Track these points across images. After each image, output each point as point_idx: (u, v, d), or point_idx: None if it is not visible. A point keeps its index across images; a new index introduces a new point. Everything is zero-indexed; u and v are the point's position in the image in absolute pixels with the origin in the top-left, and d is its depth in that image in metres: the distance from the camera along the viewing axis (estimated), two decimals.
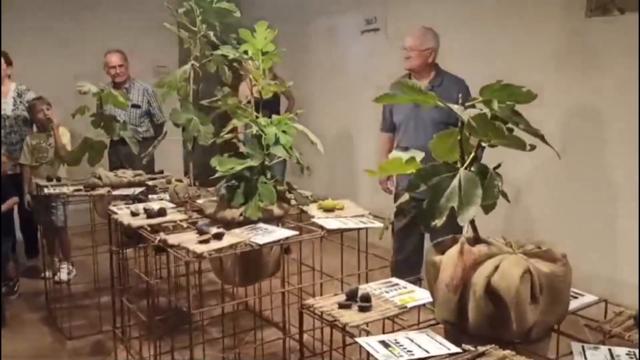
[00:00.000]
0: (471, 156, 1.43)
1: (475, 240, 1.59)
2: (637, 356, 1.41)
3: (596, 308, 1.71)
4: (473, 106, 1.46)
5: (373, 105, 5.17)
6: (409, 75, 3.46)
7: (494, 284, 1.46)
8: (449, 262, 1.53)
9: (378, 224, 2.16)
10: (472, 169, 1.44)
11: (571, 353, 1.46)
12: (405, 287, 1.89)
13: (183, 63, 3.07)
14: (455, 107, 1.38)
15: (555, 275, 1.49)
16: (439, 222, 1.36)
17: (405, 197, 1.56)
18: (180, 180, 3.28)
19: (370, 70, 5.27)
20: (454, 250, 1.54)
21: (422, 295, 1.82)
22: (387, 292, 1.84)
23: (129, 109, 4.94)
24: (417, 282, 1.99)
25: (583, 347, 1.47)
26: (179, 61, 6.04)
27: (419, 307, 1.75)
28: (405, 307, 1.71)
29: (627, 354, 1.43)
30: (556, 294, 1.51)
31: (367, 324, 1.57)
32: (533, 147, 1.32)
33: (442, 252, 1.62)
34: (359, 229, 2.16)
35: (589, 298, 1.76)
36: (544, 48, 3.91)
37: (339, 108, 5.70)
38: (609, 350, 1.45)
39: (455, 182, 1.36)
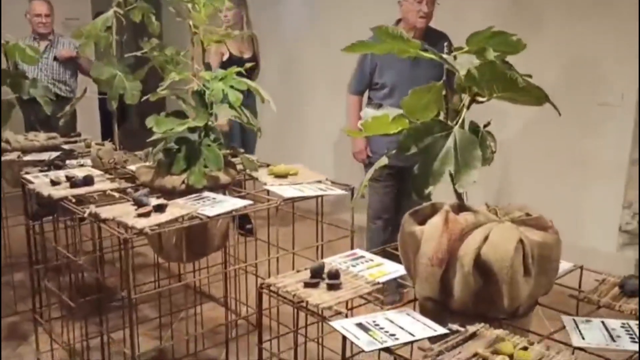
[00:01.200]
0: (462, 113, 1.25)
1: (460, 208, 1.43)
2: (633, 328, 1.31)
3: (569, 277, 1.61)
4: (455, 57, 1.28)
5: (327, 64, 4.90)
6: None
7: (484, 257, 1.31)
8: (432, 233, 1.36)
9: (339, 191, 1.97)
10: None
11: (563, 328, 1.35)
12: (372, 260, 1.72)
13: (97, 16, 2.71)
14: (448, 58, 1.19)
15: (547, 245, 1.36)
16: (433, 189, 1.17)
17: (383, 161, 1.37)
18: (101, 144, 2.95)
19: (326, 29, 4.95)
20: (437, 220, 1.37)
21: (391, 268, 1.66)
22: (353, 266, 1.66)
23: (54, 65, 4.53)
24: (382, 252, 1.83)
25: (574, 320, 1.36)
26: (92, 12, 5.52)
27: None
28: (378, 283, 1.54)
29: (622, 327, 1.33)
30: (546, 264, 1.38)
31: (348, 307, 1.38)
32: (547, 100, 1.16)
33: (421, 222, 1.45)
34: (319, 197, 1.96)
35: (564, 265, 1.65)
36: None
37: (286, 66, 5.32)
38: (602, 323, 1.35)
39: (449, 142, 1.18)
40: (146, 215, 1.68)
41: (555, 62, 3.53)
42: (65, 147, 3.22)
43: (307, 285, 1.49)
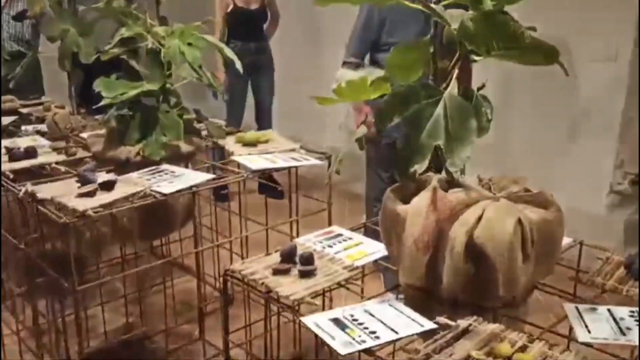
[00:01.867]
0: (453, 74, 1.05)
1: (449, 183, 1.25)
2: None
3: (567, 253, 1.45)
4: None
5: (305, 19, 4.54)
6: None
7: (477, 240, 1.13)
8: (417, 213, 1.18)
9: (314, 161, 1.77)
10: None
11: (565, 317, 1.19)
12: (350, 238, 1.54)
13: None
14: (437, 8, 0.98)
15: (548, 224, 1.19)
16: (420, 168, 0.99)
17: (361, 130, 1.18)
18: (61, 107, 2.70)
19: None
20: (423, 198, 1.19)
21: (372, 248, 1.48)
22: (330, 246, 1.49)
23: (15, 24, 4.21)
24: (362, 228, 1.66)
25: (577, 308, 1.20)
26: None
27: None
28: (356, 267, 1.37)
29: (630, 315, 1.17)
30: (547, 247, 1.21)
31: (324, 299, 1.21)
32: (557, 59, 0.97)
33: (405, 199, 1.27)
34: (292, 168, 1.76)
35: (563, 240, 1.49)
36: None
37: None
38: (609, 311, 1.19)
39: (438, 110, 0.98)
40: (90, 194, 1.48)
41: (545, 16, 3.31)
42: (24, 111, 2.97)
43: (276, 272, 1.32)
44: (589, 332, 1.12)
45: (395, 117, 0.99)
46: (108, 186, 1.51)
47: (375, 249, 1.48)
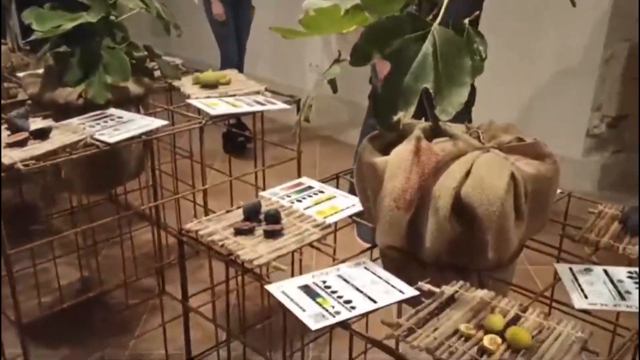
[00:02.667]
0: (443, 3, 0.88)
1: (434, 132, 1.10)
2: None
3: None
4: None
5: None
6: None
7: (465, 198, 1.00)
8: (398, 167, 1.04)
9: (281, 105, 1.59)
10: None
11: (558, 280, 1.08)
12: (322, 192, 1.40)
13: None
14: None
15: (543, 178, 1.06)
16: (405, 117, 0.83)
17: (333, 71, 1.01)
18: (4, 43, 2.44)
19: None
20: (404, 149, 1.05)
21: (345, 203, 1.34)
22: (298, 201, 1.34)
23: None
24: (334, 179, 1.51)
25: (572, 270, 1.09)
26: None
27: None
28: (328, 225, 1.23)
29: (629, 277, 1.07)
30: (541, 202, 1.09)
31: (293, 262, 1.07)
32: None
33: (384, 150, 1.12)
34: (257, 113, 1.58)
35: None
36: None
37: None
38: (605, 272, 1.09)
39: (426, 46, 0.82)
40: (20, 144, 1.29)
41: None
42: None
43: (238, 232, 1.17)
44: (586, 297, 1.01)
45: (375, 55, 0.82)
46: (41, 134, 1.32)
47: (349, 204, 1.34)
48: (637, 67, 3.07)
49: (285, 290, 1.01)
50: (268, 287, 1.03)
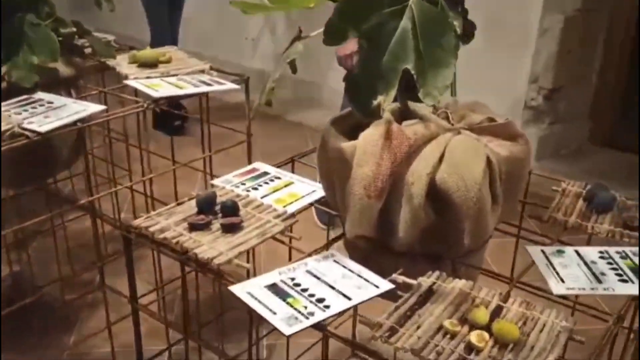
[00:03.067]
0: None
1: (402, 113, 1.03)
2: (615, 259, 1.04)
3: None
4: None
5: None
6: None
7: (441, 185, 0.94)
8: (368, 152, 0.97)
9: (230, 85, 1.47)
10: None
11: (532, 264, 1.05)
12: (278, 177, 1.31)
13: None
14: None
15: (517, 160, 1.02)
16: (385, 101, 0.76)
17: (294, 51, 0.92)
18: None
19: None
20: (374, 133, 0.97)
21: (305, 189, 1.27)
22: (255, 188, 1.25)
23: None
24: (289, 163, 1.43)
25: (544, 252, 1.07)
26: None
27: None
28: (291, 214, 1.15)
29: (601, 257, 1.05)
30: (515, 185, 1.05)
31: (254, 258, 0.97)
32: None
33: (350, 134, 1.05)
34: (202, 94, 1.46)
35: None
36: None
37: None
38: (577, 253, 1.07)
39: (405, 22, 0.74)
40: None
41: None
42: None
43: (193, 227, 1.07)
44: (562, 281, 0.98)
45: (351, 32, 0.74)
46: None
47: (309, 190, 1.26)
48: (572, 39, 3.12)
49: (251, 291, 0.93)
50: (232, 288, 0.94)
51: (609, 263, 1.03)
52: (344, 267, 1.01)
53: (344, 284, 0.96)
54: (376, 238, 1.03)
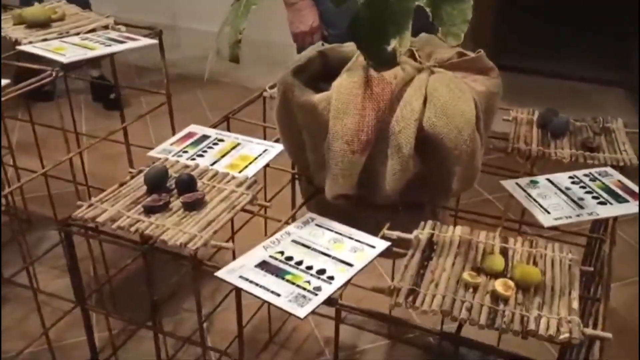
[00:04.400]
0: None
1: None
2: (586, 182, 1.05)
3: None
4: None
5: None
6: None
7: (430, 129, 0.88)
8: (346, 103, 0.88)
9: (146, 40, 1.26)
10: None
11: (511, 198, 1.03)
12: (220, 140, 1.18)
13: None
14: None
15: (492, 94, 0.98)
16: (401, 45, 0.66)
17: (225, 34, 0.80)
18: None
19: None
20: (351, 81, 0.88)
21: (255, 148, 1.15)
22: (199, 155, 1.12)
23: None
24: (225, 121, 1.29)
25: (519, 185, 1.05)
26: None
27: None
28: (255, 180, 1.03)
29: (573, 182, 1.06)
30: (489, 120, 1.01)
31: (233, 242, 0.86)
32: None
33: (314, 86, 0.95)
34: (118, 52, 1.24)
35: None
36: None
37: None
38: (549, 181, 1.06)
39: None
40: None
41: None
42: None
43: (150, 210, 0.93)
44: (548, 212, 0.97)
45: None
46: None
47: (260, 149, 1.15)
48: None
49: (243, 274, 0.83)
50: (220, 274, 0.83)
51: (582, 187, 1.04)
52: (330, 230, 0.93)
53: (337, 249, 0.88)
54: (358, 194, 0.96)
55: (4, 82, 1.07)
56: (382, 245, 0.89)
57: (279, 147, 1.15)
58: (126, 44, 1.25)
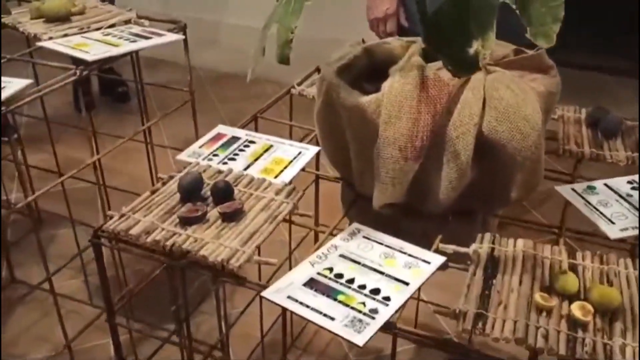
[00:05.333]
0: None
1: (426, 54, 0.87)
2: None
3: None
4: None
5: None
6: None
7: (491, 134, 0.81)
8: (399, 106, 0.81)
9: (173, 36, 1.18)
10: None
11: (566, 205, 0.96)
12: (251, 142, 1.11)
13: None
14: None
15: (552, 95, 0.91)
16: (484, 47, 0.59)
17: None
18: None
19: None
20: (404, 82, 0.81)
21: (289, 150, 1.08)
22: (231, 159, 1.05)
23: None
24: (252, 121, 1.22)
25: (575, 190, 0.98)
26: None
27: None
28: (294, 186, 0.97)
29: (632, 188, 0.99)
30: (547, 121, 0.94)
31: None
32: None
33: (358, 86, 0.88)
34: (144, 49, 1.16)
35: None
36: None
37: None
38: (607, 186, 0.99)
39: None
40: None
41: None
42: None
43: (186, 221, 0.86)
44: (612, 222, 0.90)
45: None
46: None
47: (294, 152, 1.08)
48: None
49: (291, 294, 0.76)
50: (267, 295, 0.76)
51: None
52: (379, 243, 0.86)
53: (390, 265, 0.82)
54: (404, 202, 0.89)
55: (26, 82, 0.99)
56: (437, 260, 0.82)
57: (313, 149, 1.08)
58: (151, 40, 1.17)
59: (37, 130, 1.55)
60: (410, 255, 0.84)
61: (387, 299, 0.75)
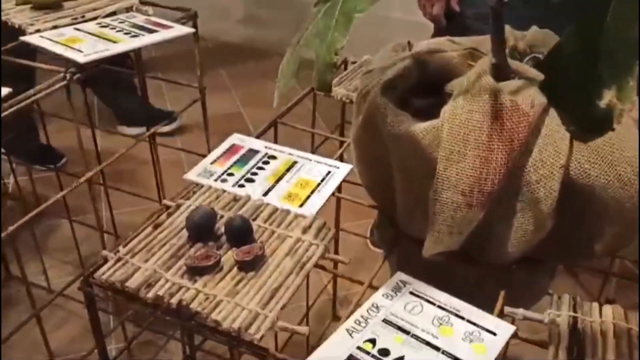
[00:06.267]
0: None
1: (497, 71, 0.69)
2: None
3: None
4: None
5: None
6: None
7: (582, 179, 0.64)
8: (466, 141, 0.64)
9: (183, 29, 1.00)
10: None
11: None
12: (272, 157, 0.95)
13: None
14: None
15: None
16: (622, 100, 0.41)
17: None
18: None
19: None
20: (472, 110, 0.64)
21: (316, 169, 0.92)
22: (248, 180, 0.89)
23: None
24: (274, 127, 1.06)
25: None
26: None
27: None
28: (323, 222, 0.80)
29: None
30: None
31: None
32: None
33: (408, 106, 0.71)
34: (149, 45, 0.98)
35: None
36: None
37: None
38: None
39: None
40: None
41: None
42: None
43: (195, 270, 0.70)
44: None
45: None
46: None
47: (323, 171, 0.92)
48: None
49: None
50: None
51: None
52: (430, 302, 0.70)
53: (446, 335, 0.66)
54: (459, 251, 0.73)
55: (4, 90, 0.83)
56: (505, 331, 0.66)
57: (345, 168, 0.92)
58: (156, 35, 0.99)
59: None
60: (469, 321, 0.68)
61: None
